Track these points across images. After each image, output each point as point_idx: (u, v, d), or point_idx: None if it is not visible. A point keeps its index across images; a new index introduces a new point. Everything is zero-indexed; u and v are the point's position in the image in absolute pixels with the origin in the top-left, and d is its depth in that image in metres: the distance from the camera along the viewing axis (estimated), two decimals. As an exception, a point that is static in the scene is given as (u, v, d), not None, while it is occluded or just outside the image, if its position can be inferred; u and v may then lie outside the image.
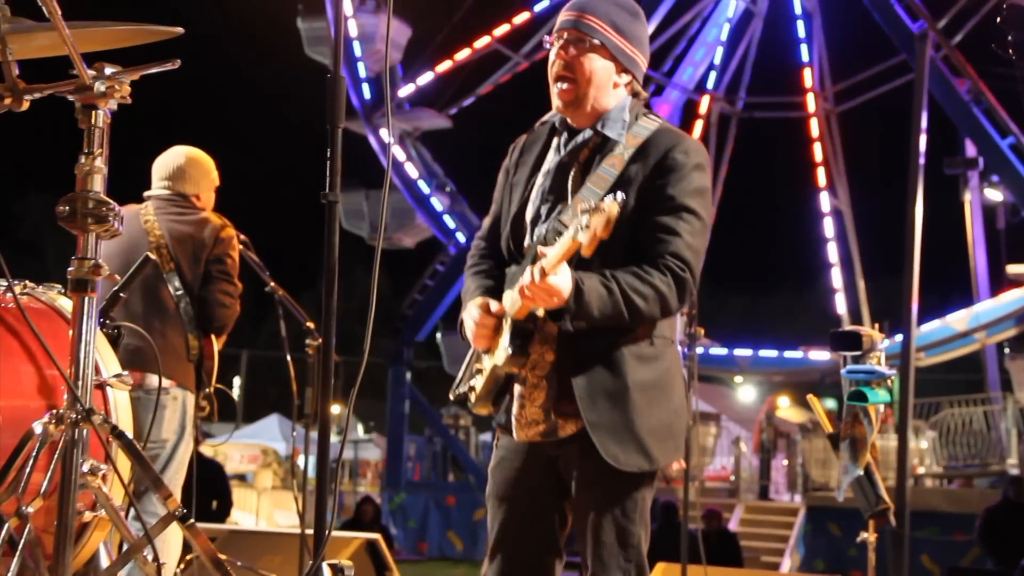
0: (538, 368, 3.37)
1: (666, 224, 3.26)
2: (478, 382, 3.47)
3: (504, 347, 3.34)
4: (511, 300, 3.33)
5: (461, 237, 25.56)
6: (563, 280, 3.12)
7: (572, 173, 3.43)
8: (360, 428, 38.79)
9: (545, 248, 3.13)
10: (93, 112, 2.90)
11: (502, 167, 3.68)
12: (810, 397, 5.76)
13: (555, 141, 3.55)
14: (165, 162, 5.79)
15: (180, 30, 3.04)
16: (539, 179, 3.51)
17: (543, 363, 3.37)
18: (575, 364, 3.30)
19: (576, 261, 3.12)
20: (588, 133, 3.46)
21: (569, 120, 3.51)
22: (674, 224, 3.27)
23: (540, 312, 3.27)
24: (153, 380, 5.09)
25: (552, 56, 3.50)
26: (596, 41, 3.42)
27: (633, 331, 3.30)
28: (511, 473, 3.49)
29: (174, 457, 5.34)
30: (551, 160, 3.52)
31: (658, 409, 3.30)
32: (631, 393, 3.26)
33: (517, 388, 3.43)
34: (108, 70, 2.89)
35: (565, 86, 3.44)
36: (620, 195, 2.96)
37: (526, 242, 3.45)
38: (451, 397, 3.58)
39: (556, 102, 3.48)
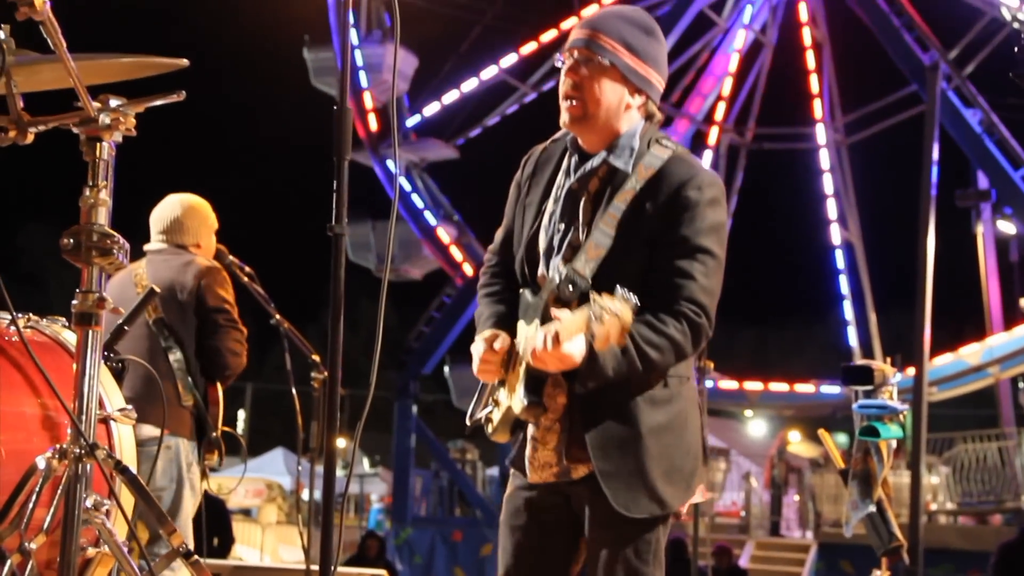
0: (551, 411, 3.34)
1: (680, 267, 3.18)
2: (495, 413, 3.43)
3: (520, 397, 3.30)
4: (526, 341, 3.29)
5: (468, 269, 25.57)
6: (576, 347, 3.08)
7: (583, 203, 3.35)
8: (366, 462, 38.71)
9: (560, 313, 3.07)
10: (98, 144, 2.91)
11: (514, 180, 3.60)
12: (821, 432, 5.74)
13: (566, 163, 3.47)
14: (161, 215, 5.79)
15: (185, 62, 3.06)
16: (550, 204, 3.44)
17: (555, 406, 3.33)
18: (586, 409, 3.25)
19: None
20: (597, 161, 3.37)
21: (580, 141, 3.43)
22: (688, 267, 3.19)
23: None
24: (145, 430, 5.05)
25: (562, 75, 3.40)
26: (606, 61, 3.33)
27: (655, 375, 3.24)
28: (524, 503, 3.44)
29: (178, 508, 5.33)
30: (561, 184, 3.44)
31: (671, 452, 3.25)
32: (643, 440, 3.21)
33: (530, 430, 3.40)
34: (113, 102, 2.91)
35: (574, 103, 3.35)
36: (633, 299, 2.89)
37: (540, 270, 3.39)
38: (468, 423, 3.54)
39: (564, 118, 3.38)
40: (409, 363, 25.67)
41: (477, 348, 3.38)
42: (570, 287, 3.21)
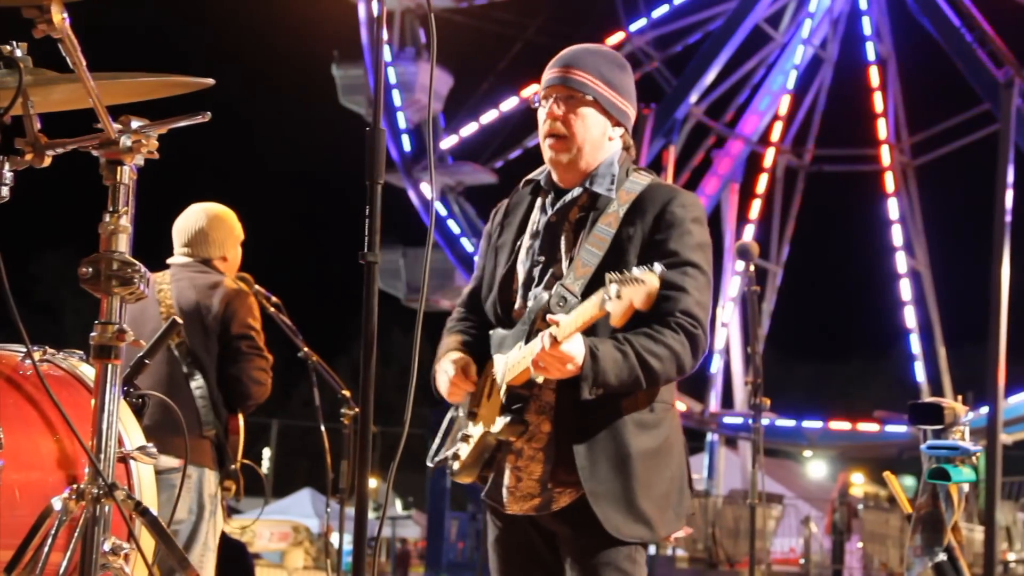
0: (535, 440, 3.46)
1: (672, 281, 3.33)
2: (464, 449, 3.57)
3: (501, 417, 3.44)
4: (504, 366, 3.45)
5: (507, 299, 25.59)
6: (576, 347, 3.23)
7: (564, 233, 3.54)
8: (399, 504, 38.70)
9: (557, 316, 3.24)
10: (118, 168, 2.94)
11: (484, 232, 3.84)
12: (887, 474, 5.71)
13: (539, 201, 3.68)
14: (184, 226, 5.82)
15: (210, 81, 3.08)
16: (526, 240, 3.63)
17: (540, 434, 3.46)
18: (574, 433, 3.38)
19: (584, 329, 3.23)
20: (577, 191, 3.58)
21: (556, 179, 3.64)
22: (680, 280, 3.38)
23: (540, 379, 3.37)
24: (165, 460, 5.09)
25: (542, 115, 3.64)
26: (588, 97, 3.56)
27: (634, 397, 3.39)
28: (512, 549, 3.61)
29: (195, 538, 5.36)
30: (537, 220, 3.64)
31: (658, 478, 3.40)
32: (633, 462, 3.36)
33: (510, 460, 3.51)
34: (135, 123, 2.93)
35: (558, 143, 3.57)
36: (659, 267, 3.07)
37: (517, 305, 3.57)
38: (429, 464, 3.68)
39: (548, 156, 3.62)
40: (443, 399, 25.68)
41: (447, 368, 3.57)
42: (561, 302, 3.38)
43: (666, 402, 3.48)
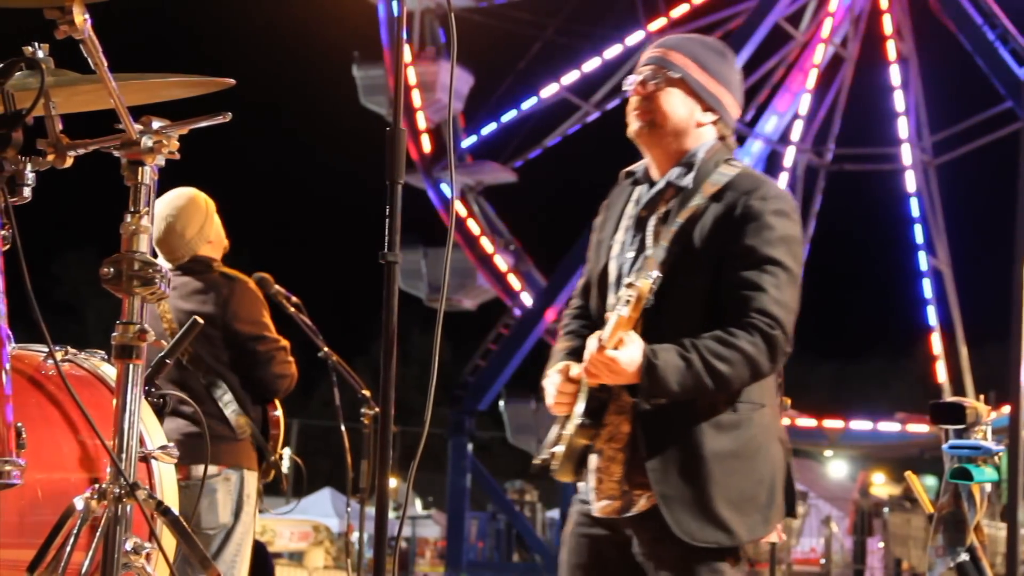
0: (615, 440, 3.40)
1: (749, 279, 3.25)
2: (559, 449, 3.47)
3: (575, 417, 3.38)
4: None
5: (527, 299, 25.58)
6: (628, 354, 3.18)
7: (652, 227, 3.44)
8: (418, 503, 38.74)
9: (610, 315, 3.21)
10: (140, 168, 2.95)
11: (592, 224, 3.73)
12: (909, 474, 5.69)
13: (636, 193, 3.56)
14: (155, 236, 5.40)
15: (231, 81, 3.09)
16: (619, 235, 3.53)
17: (620, 435, 3.39)
18: (650, 435, 3.30)
19: (648, 328, 3.21)
20: (662, 184, 3.47)
21: (649, 159, 3.54)
22: (757, 278, 3.25)
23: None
24: (199, 469, 5.09)
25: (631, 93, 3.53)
26: (675, 75, 3.45)
27: (712, 398, 3.28)
28: (586, 541, 3.50)
29: (230, 540, 5.37)
30: (630, 214, 3.54)
31: (739, 479, 3.28)
32: (706, 464, 3.25)
33: (594, 461, 3.44)
34: (156, 124, 2.94)
35: (640, 120, 3.47)
36: (655, 274, 3.08)
37: (609, 301, 3.48)
38: (534, 463, 3.59)
39: (631, 128, 3.50)
40: (464, 398, 25.69)
41: (551, 379, 3.46)
42: (628, 302, 3.28)
43: (753, 402, 3.34)
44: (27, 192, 2.85)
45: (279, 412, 5.59)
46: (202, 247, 5.58)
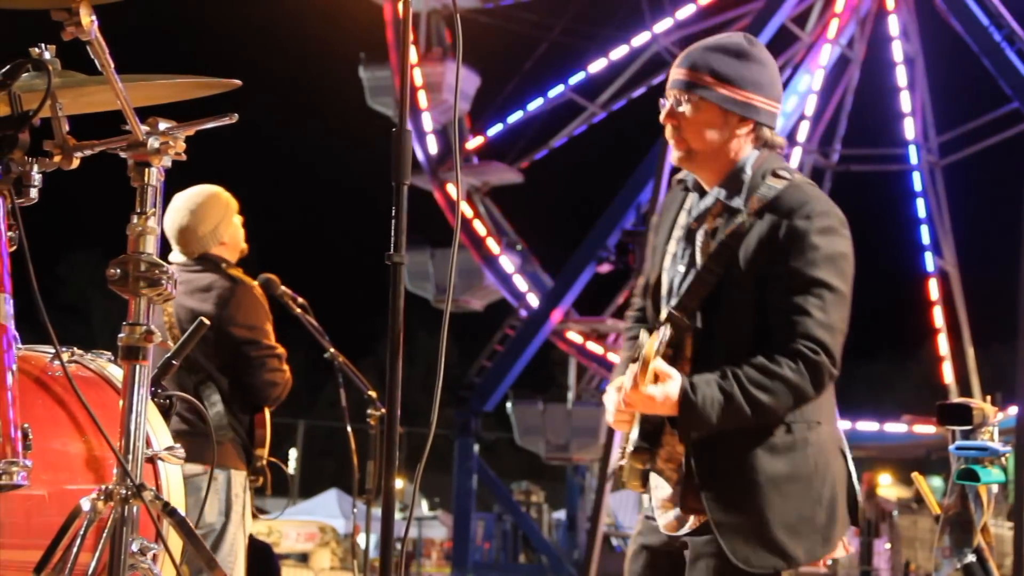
0: (671, 460, 3.38)
1: (794, 303, 3.20)
2: (624, 464, 3.45)
3: (631, 441, 3.38)
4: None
5: (533, 299, 25.58)
6: (664, 390, 3.18)
7: (700, 242, 3.40)
8: (425, 504, 38.75)
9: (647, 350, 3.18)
10: (146, 170, 2.95)
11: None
12: (915, 475, 5.68)
13: (688, 201, 3.53)
14: (171, 225, 5.57)
15: (238, 82, 3.09)
16: (672, 245, 3.50)
17: (676, 455, 3.36)
18: (701, 458, 3.27)
19: (698, 348, 3.26)
20: (710, 200, 3.43)
21: (698, 178, 3.50)
22: (802, 302, 3.20)
23: None
24: (190, 467, 5.09)
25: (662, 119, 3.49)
26: (697, 96, 3.38)
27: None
28: (646, 557, 3.51)
29: (223, 540, 5.37)
30: (682, 223, 3.50)
31: (796, 503, 3.24)
32: (762, 490, 3.21)
33: (653, 479, 3.43)
34: (162, 125, 2.94)
35: (674, 149, 3.43)
36: (665, 334, 3.14)
37: (661, 315, 3.43)
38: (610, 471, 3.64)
39: (673, 160, 3.48)
40: (470, 399, 25.70)
41: (610, 397, 3.43)
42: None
43: (809, 420, 3.29)
44: (34, 193, 2.85)
45: (264, 413, 5.58)
46: (214, 246, 5.60)
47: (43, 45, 2.87)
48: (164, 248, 5.71)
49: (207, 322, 3.65)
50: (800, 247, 3.22)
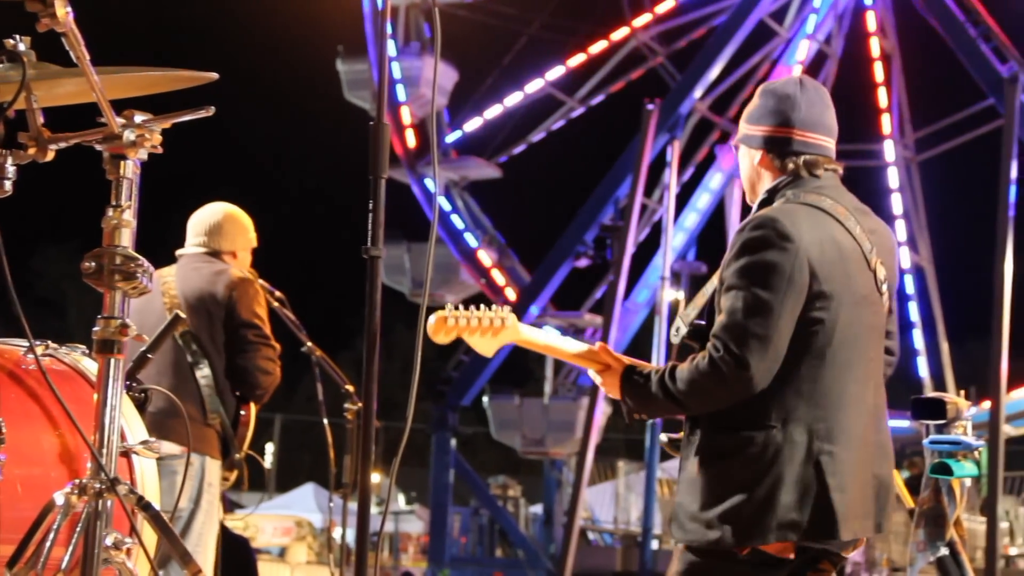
0: None
1: (722, 307, 3.45)
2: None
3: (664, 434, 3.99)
4: None
5: (511, 294, 25.57)
6: (612, 378, 3.60)
7: None
8: (401, 499, 38.74)
9: None
10: (122, 162, 2.94)
11: None
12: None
13: None
14: (202, 218, 5.88)
15: (214, 76, 3.09)
16: None
17: None
18: (681, 457, 3.64)
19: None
20: None
21: None
22: (725, 305, 3.44)
23: None
24: (165, 446, 5.10)
25: None
26: (734, 144, 3.74)
27: (714, 417, 3.48)
28: None
29: (191, 528, 5.37)
30: None
31: (749, 493, 3.41)
32: (692, 481, 3.50)
33: None
34: (138, 118, 2.93)
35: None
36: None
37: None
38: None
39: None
40: (447, 394, 25.68)
41: None
42: (676, 332, 3.66)
43: (759, 425, 3.43)
44: (8, 186, 2.84)
45: (251, 413, 5.61)
46: (228, 251, 5.85)
47: (17, 37, 2.86)
48: (180, 243, 5.85)
49: (182, 316, 3.65)
50: (734, 256, 3.47)
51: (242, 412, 5.62)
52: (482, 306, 3.52)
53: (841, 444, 3.44)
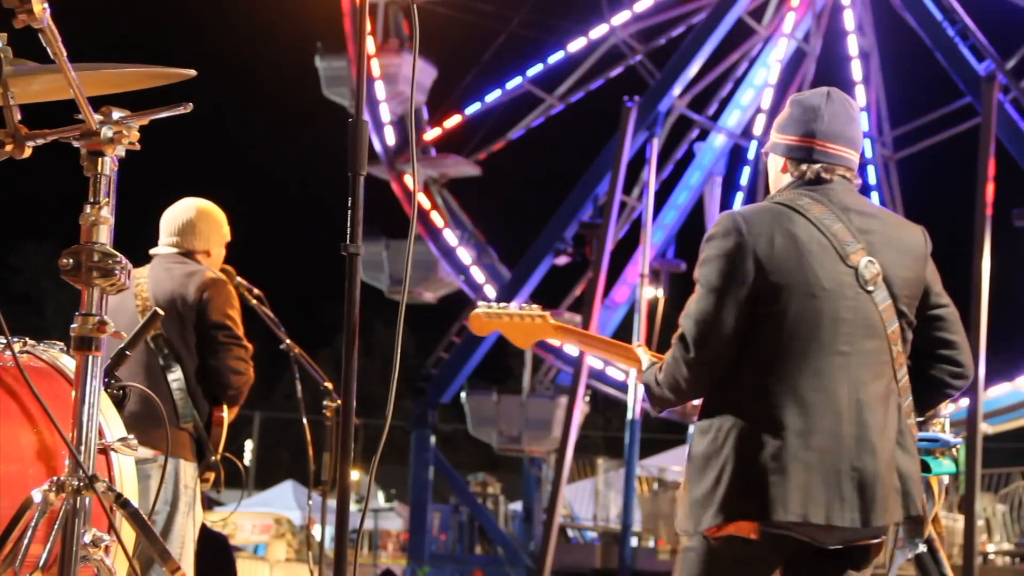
0: None
1: None
2: None
3: None
4: None
5: (490, 291, 25.57)
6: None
7: None
8: (381, 496, 38.74)
9: None
10: (100, 159, 2.93)
11: None
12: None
13: None
14: (173, 216, 5.83)
15: (192, 72, 3.08)
16: None
17: None
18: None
19: None
20: None
21: None
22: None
23: None
24: (141, 451, 5.08)
25: None
26: (763, 152, 3.99)
27: (703, 406, 3.70)
28: None
29: (171, 530, 5.35)
30: None
31: (702, 479, 3.61)
32: (688, 468, 3.69)
33: None
34: (116, 114, 2.92)
35: None
36: None
37: None
38: None
39: None
40: (427, 391, 25.67)
41: None
42: None
43: (724, 407, 3.62)
44: (-15, 182, 2.83)
45: (224, 414, 5.59)
46: (201, 250, 5.80)
47: (-6, 33, 2.85)
48: (154, 242, 5.83)
49: (160, 312, 3.64)
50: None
51: (218, 414, 5.59)
52: (519, 303, 3.69)
53: (790, 432, 3.53)
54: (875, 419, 3.61)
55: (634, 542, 22.15)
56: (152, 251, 5.81)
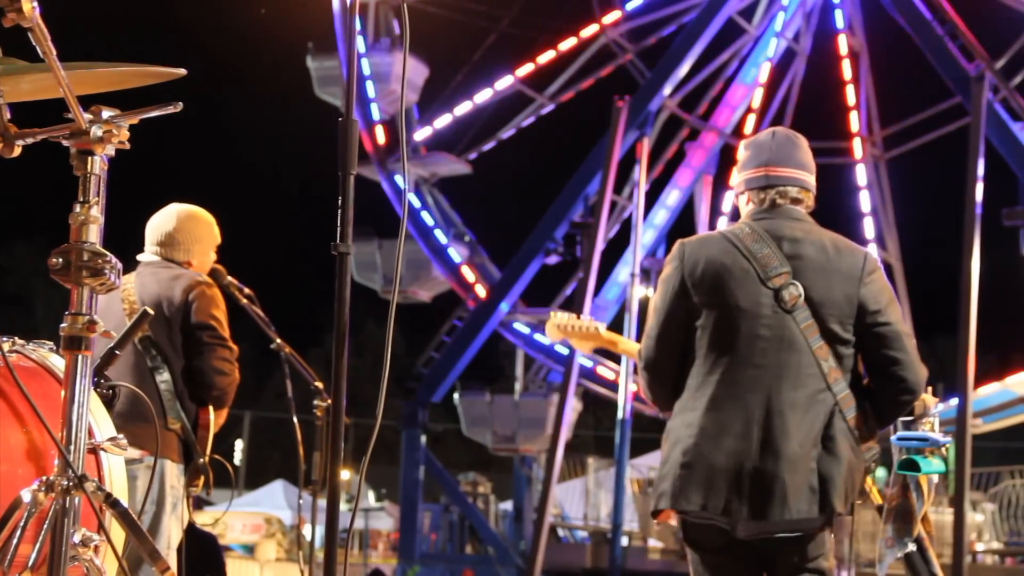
0: None
1: None
2: None
3: None
4: None
5: (480, 290, 25.58)
6: None
7: None
8: (371, 495, 38.70)
9: None
10: (89, 158, 2.92)
11: None
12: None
13: None
14: (156, 225, 5.83)
15: (182, 71, 3.07)
16: None
17: None
18: None
19: None
20: None
21: None
22: None
23: None
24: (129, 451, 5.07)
25: None
26: (735, 195, 4.57)
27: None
28: None
29: (158, 532, 5.35)
30: None
31: (659, 471, 4.26)
32: None
33: None
34: (106, 113, 2.92)
35: None
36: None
37: None
38: None
39: None
40: (417, 390, 25.66)
41: None
42: None
43: (673, 412, 4.24)
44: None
45: (211, 417, 5.59)
46: (183, 261, 5.79)
47: (-17, 32, 2.84)
48: (139, 243, 5.82)
49: (151, 311, 3.63)
50: None
51: (203, 416, 5.59)
52: (584, 315, 4.13)
53: (703, 433, 4.07)
54: (786, 425, 4.03)
55: (624, 541, 22.15)
56: (139, 257, 5.81)
